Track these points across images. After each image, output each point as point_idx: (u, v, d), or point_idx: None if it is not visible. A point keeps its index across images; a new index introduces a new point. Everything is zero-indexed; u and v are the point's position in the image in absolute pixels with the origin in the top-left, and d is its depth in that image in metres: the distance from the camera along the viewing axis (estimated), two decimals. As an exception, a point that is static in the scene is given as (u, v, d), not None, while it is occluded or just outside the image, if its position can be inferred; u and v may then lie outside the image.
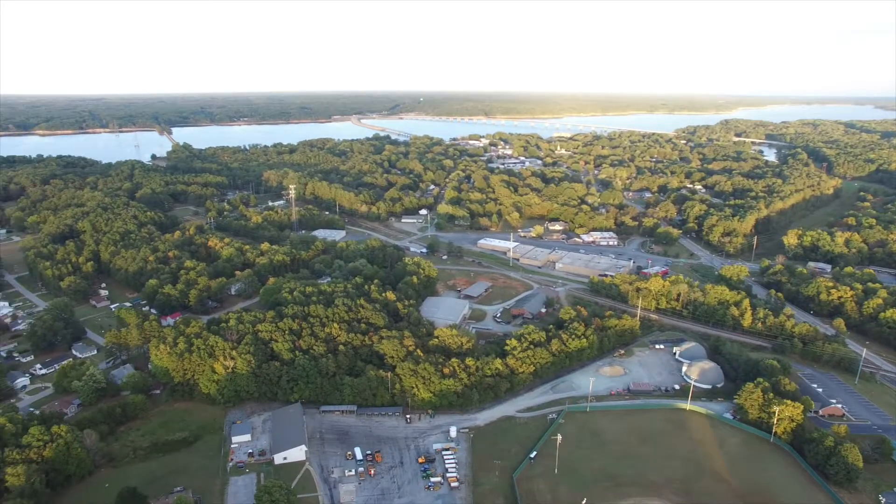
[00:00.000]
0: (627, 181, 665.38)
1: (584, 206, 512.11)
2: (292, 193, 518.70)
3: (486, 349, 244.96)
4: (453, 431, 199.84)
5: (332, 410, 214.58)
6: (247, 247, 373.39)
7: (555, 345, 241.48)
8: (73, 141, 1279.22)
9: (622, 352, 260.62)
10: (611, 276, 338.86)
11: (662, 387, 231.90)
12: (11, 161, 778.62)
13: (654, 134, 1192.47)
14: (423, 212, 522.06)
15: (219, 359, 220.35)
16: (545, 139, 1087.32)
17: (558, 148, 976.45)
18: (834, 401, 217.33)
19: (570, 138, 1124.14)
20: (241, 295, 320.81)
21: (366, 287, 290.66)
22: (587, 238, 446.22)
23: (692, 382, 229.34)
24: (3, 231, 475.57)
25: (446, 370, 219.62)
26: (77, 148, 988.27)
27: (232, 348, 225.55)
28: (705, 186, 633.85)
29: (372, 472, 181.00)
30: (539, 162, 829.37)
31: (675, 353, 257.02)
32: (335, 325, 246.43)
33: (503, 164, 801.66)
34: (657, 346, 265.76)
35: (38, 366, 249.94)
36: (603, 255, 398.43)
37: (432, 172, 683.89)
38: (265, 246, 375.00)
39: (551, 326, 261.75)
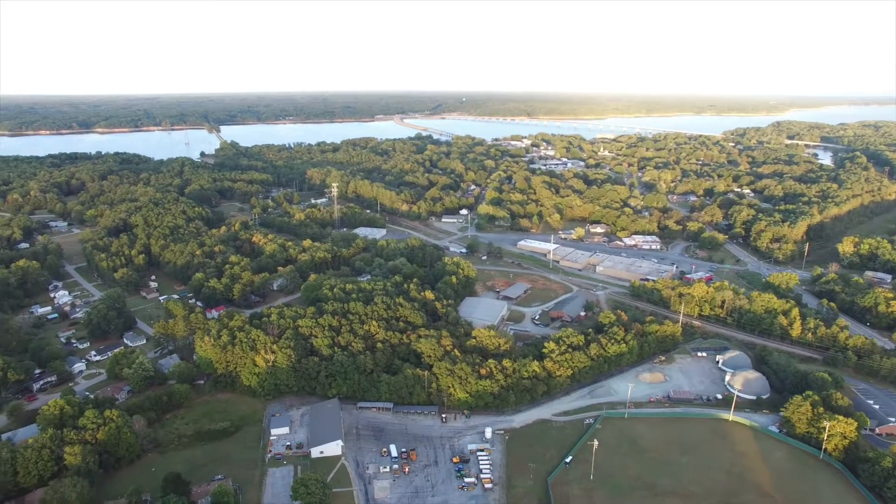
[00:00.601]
0: (672, 184, 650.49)
1: (626, 209, 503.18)
2: (335, 191, 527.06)
3: (524, 351, 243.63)
4: (488, 432, 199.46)
5: (369, 407, 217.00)
6: (289, 243, 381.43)
7: (593, 349, 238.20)
8: (129, 139, 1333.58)
9: (663, 358, 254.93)
10: (653, 280, 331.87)
11: (704, 396, 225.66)
12: (74, 157, 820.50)
13: (700, 136, 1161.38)
14: (464, 212, 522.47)
15: (260, 352, 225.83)
16: (588, 140, 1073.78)
17: (601, 149, 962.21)
18: (893, 419, 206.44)
19: (614, 140, 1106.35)
20: (283, 290, 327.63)
21: (405, 286, 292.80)
22: (629, 241, 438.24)
23: (735, 392, 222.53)
24: (65, 223, 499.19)
25: (483, 371, 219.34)
26: (132, 145, 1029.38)
27: (273, 342, 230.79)
28: (754, 191, 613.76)
29: (406, 469, 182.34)
30: (581, 163, 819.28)
31: (718, 362, 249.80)
32: (374, 322, 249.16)
33: (545, 165, 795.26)
34: (699, 354, 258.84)
35: (93, 352, 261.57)
36: (645, 259, 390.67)
37: (473, 172, 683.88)
38: (307, 243, 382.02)
39: (590, 330, 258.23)
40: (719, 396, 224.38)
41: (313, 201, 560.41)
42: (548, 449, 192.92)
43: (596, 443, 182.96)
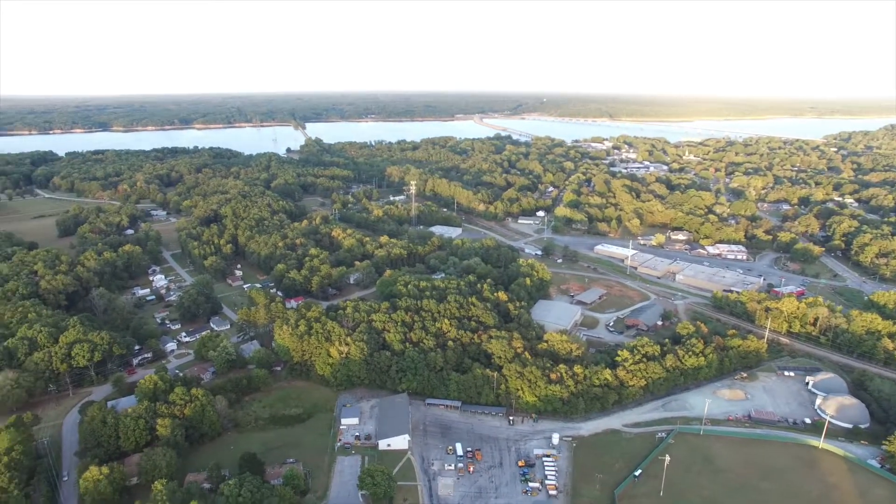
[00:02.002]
0: (762, 191, 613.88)
1: (711, 216, 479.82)
2: (413, 189, 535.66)
3: (596, 358, 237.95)
4: (556, 438, 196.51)
5: (437, 404, 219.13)
6: (367, 239, 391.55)
7: (669, 360, 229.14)
8: (223, 134, 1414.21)
9: (744, 375, 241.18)
10: (737, 292, 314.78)
11: (790, 419, 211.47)
12: (174, 151, 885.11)
13: (797, 140, 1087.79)
14: (541, 213, 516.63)
15: (334, 343, 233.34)
16: (672, 144, 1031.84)
17: (686, 153, 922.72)
18: None
19: (700, 143, 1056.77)
20: (359, 284, 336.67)
21: (478, 285, 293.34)
22: (713, 250, 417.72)
23: (827, 418, 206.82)
24: (164, 213, 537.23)
25: (553, 375, 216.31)
26: (225, 141, 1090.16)
27: (347, 335, 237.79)
28: (858, 200, 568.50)
29: (471, 469, 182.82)
30: (664, 167, 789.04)
31: (807, 383, 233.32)
32: (446, 320, 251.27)
33: (626, 168, 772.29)
34: (786, 373, 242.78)
35: (184, 334, 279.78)
36: (729, 270, 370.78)
37: (552, 174, 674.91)
38: (384, 239, 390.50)
39: (667, 340, 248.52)
40: (808, 421, 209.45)
41: (392, 198, 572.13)
42: (616, 460, 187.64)
43: (668, 458, 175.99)
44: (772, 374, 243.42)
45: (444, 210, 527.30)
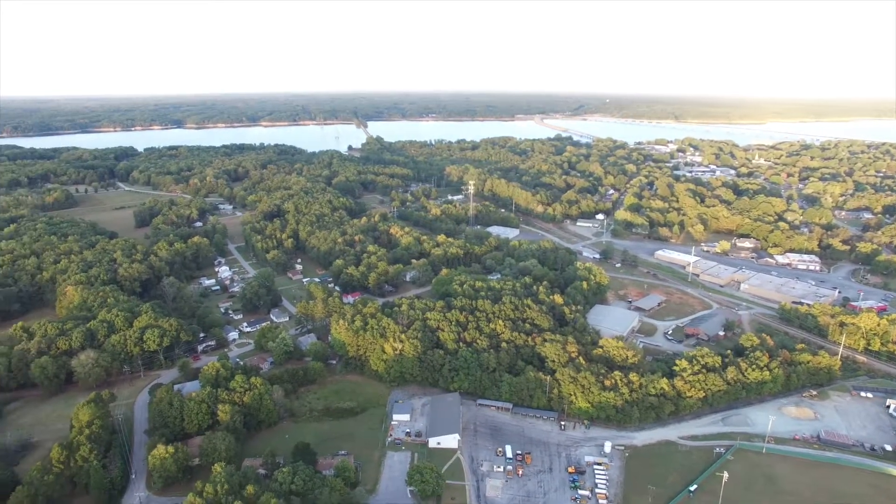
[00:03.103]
0: (840, 198, 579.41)
1: (781, 224, 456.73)
2: (471, 189, 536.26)
3: (653, 366, 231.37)
4: (608, 446, 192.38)
5: (489, 405, 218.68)
6: (424, 237, 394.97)
7: (730, 373, 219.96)
8: (287, 132, 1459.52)
9: (814, 393, 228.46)
10: (808, 304, 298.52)
11: (867, 444, 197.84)
12: (241, 148, 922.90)
13: (884, 144, 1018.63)
14: (600, 216, 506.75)
15: (389, 340, 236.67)
16: (741, 147, 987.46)
17: (756, 157, 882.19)
18: None
19: (772, 147, 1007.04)
20: (415, 282, 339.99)
21: (534, 287, 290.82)
22: (782, 259, 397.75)
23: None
24: (231, 207, 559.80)
25: (608, 382, 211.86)
26: (290, 138, 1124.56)
27: (402, 332, 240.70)
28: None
29: (520, 472, 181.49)
30: (732, 172, 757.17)
31: (888, 407, 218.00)
32: (500, 321, 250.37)
33: (690, 171, 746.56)
34: (862, 394, 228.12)
35: (245, 324, 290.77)
36: (800, 281, 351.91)
37: (613, 177, 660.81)
38: (441, 238, 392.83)
39: (729, 352, 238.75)
40: (888, 448, 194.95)
41: (450, 197, 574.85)
42: (670, 473, 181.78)
43: (726, 475, 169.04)
44: (845, 393, 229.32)
45: (502, 210, 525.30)
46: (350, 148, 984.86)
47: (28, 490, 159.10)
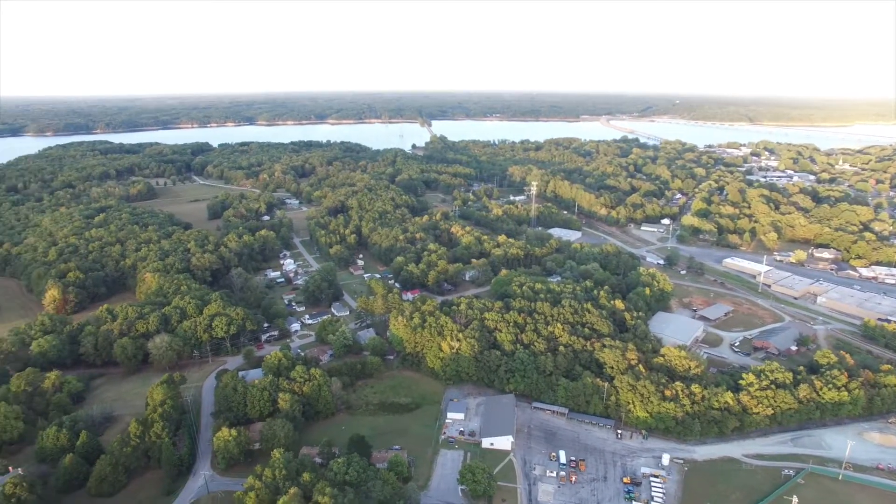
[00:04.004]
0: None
1: (866, 234, 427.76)
2: (534, 190, 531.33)
3: (717, 379, 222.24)
4: (666, 459, 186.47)
5: (544, 408, 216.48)
6: (485, 237, 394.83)
7: (803, 390, 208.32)
8: (353, 129, 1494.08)
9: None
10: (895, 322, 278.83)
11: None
12: (309, 145, 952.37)
13: None
14: (666, 221, 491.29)
15: (446, 338, 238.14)
16: (823, 151, 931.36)
17: (840, 162, 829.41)
18: None
19: (859, 151, 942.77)
20: (474, 282, 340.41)
21: (595, 292, 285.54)
22: (866, 272, 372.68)
23: None
24: (297, 202, 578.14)
25: (668, 392, 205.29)
26: (355, 135, 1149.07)
27: (459, 331, 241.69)
28: None
29: (573, 478, 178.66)
30: (811, 177, 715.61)
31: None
32: (559, 325, 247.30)
33: (765, 176, 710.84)
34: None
35: (307, 316, 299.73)
36: (887, 297, 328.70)
37: (680, 180, 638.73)
38: (502, 238, 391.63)
39: (801, 368, 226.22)
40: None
41: (512, 198, 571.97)
42: (732, 491, 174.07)
43: (795, 499, 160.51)
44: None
45: (565, 212, 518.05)
46: (414, 146, 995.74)
47: (110, 459, 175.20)
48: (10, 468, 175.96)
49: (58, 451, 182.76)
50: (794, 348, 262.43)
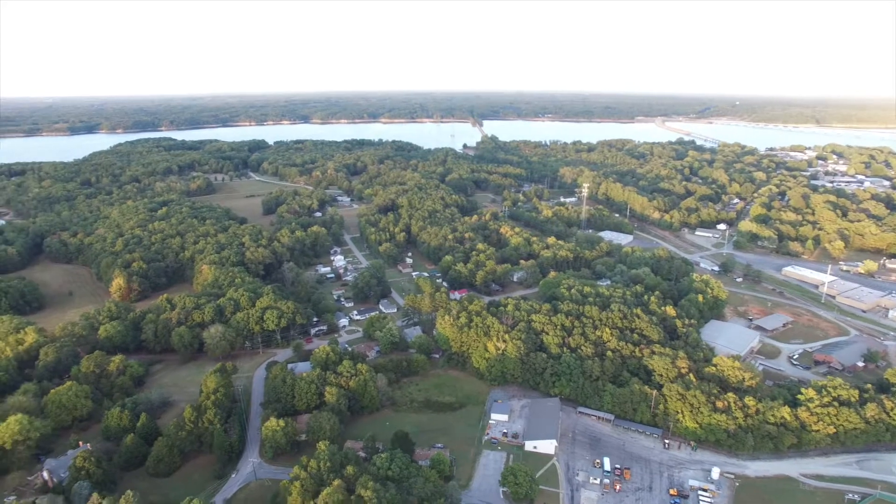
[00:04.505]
0: None
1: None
2: (585, 192, 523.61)
3: (773, 392, 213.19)
4: (715, 472, 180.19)
5: (589, 414, 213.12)
6: (534, 238, 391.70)
7: (870, 410, 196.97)
8: (405, 128, 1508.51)
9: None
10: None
11: None
12: (361, 143, 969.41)
13: None
14: (722, 226, 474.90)
15: (492, 339, 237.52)
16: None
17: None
18: None
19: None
20: (522, 283, 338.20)
21: (645, 297, 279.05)
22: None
23: None
24: (348, 199, 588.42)
25: (719, 403, 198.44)
26: (407, 134, 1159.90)
27: (506, 332, 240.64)
28: None
29: (618, 487, 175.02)
30: (886, 183, 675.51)
31: None
32: (607, 329, 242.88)
33: (832, 181, 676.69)
34: None
35: (355, 312, 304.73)
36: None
37: (738, 184, 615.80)
38: (551, 240, 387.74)
39: (869, 386, 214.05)
40: None
41: (562, 199, 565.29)
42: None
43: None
44: None
45: (616, 215, 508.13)
46: (465, 146, 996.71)
47: (166, 441, 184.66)
48: (81, 443, 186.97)
49: (120, 431, 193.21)
50: (860, 364, 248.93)
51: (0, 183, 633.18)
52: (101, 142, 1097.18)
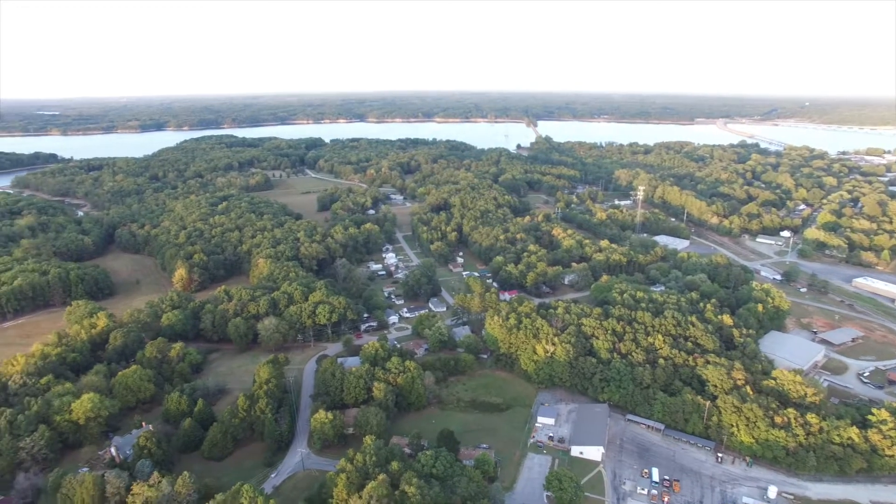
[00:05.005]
0: None
1: None
2: (640, 195, 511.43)
3: (840, 410, 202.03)
4: (772, 492, 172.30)
5: (638, 422, 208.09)
6: (587, 241, 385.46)
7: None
8: (459, 128, 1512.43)
9: None
10: None
11: None
12: (415, 142, 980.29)
13: None
14: (786, 234, 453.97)
15: (541, 341, 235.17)
16: None
17: None
18: None
19: None
20: (573, 286, 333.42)
21: (700, 305, 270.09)
22: None
23: None
24: (402, 197, 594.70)
25: (778, 419, 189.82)
26: (460, 134, 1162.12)
27: (555, 334, 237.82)
28: None
29: (666, 499, 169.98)
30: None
31: None
32: (660, 336, 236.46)
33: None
34: None
35: (405, 310, 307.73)
36: None
37: (805, 190, 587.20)
38: (604, 243, 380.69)
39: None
40: None
41: (617, 202, 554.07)
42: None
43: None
44: None
45: (672, 219, 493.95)
46: (518, 146, 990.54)
47: (221, 427, 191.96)
48: (143, 423, 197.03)
49: (179, 415, 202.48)
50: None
51: (79, 177, 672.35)
52: (169, 138, 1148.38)
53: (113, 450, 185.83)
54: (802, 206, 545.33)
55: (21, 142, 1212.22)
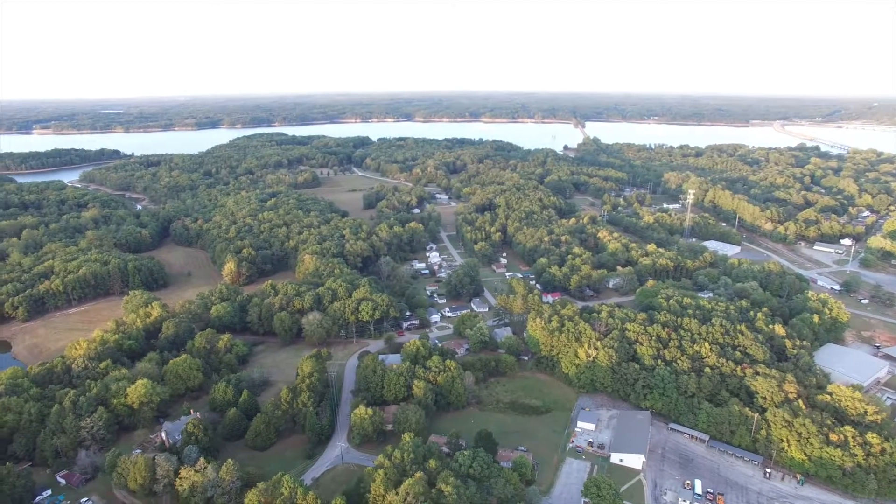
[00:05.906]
0: None
1: None
2: (690, 198, 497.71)
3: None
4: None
5: (682, 431, 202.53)
6: (633, 245, 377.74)
7: None
8: (505, 128, 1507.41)
9: None
10: None
11: None
12: (462, 142, 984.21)
13: None
14: (846, 241, 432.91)
15: (584, 345, 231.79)
16: None
17: None
18: None
19: None
20: (618, 290, 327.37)
21: (751, 313, 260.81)
22: None
23: None
24: (447, 197, 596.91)
25: (834, 437, 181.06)
26: (507, 134, 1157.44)
27: (598, 339, 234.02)
28: None
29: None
30: None
31: None
32: (707, 344, 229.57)
33: None
34: None
35: (447, 309, 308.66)
36: None
37: (870, 195, 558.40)
38: (651, 247, 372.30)
39: None
40: None
41: (665, 206, 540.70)
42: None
43: None
44: None
45: (723, 224, 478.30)
46: (565, 147, 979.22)
47: (264, 418, 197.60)
48: (192, 411, 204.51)
49: (225, 404, 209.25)
50: None
51: (139, 172, 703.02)
52: (222, 136, 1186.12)
53: (163, 434, 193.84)
54: (866, 213, 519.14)
55: (90, 139, 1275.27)
